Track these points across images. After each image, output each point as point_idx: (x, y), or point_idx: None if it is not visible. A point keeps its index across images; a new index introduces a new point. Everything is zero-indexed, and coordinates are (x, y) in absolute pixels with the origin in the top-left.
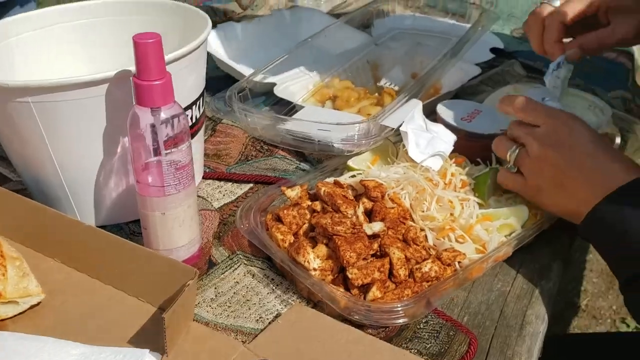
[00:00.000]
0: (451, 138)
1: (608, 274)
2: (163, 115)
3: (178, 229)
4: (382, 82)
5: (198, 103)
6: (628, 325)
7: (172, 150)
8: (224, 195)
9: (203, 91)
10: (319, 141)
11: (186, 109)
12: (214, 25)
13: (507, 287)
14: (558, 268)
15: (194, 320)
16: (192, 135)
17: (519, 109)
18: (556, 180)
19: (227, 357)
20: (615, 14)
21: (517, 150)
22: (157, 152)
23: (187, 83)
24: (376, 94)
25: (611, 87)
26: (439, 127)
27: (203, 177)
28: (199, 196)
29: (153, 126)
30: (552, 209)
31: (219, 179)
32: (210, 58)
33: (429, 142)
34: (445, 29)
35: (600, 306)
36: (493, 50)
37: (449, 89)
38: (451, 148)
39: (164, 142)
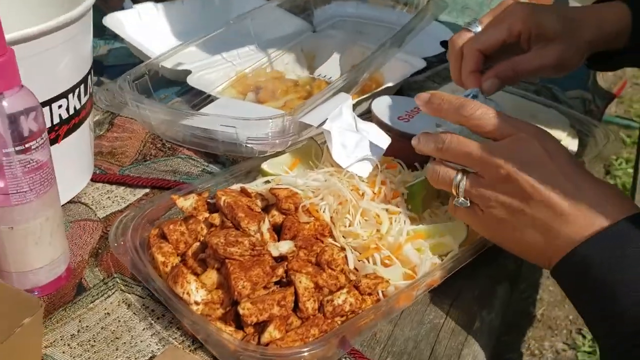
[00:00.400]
0: (384, 140)
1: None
2: (5, 103)
3: (33, 247)
4: (317, 74)
5: (78, 90)
6: (584, 337)
7: (19, 147)
8: (113, 202)
9: (87, 76)
10: (223, 140)
11: (61, 96)
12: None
13: (440, 320)
14: (504, 292)
15: None
16: (72, 130)
17: (467, 116)
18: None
19: None
20: (536, 42)
21: (464, 179)
22: None
23: (60, 65)
24: (307, 87)
25: (569, 87)
26: (371, 127)
27: (91, 180)
28: (81, 203)
29: None
30: (517, 248)
31: (110, 183)
32: (125, 43)
33: (358, 143)
34: (392, 18)
35: (556, 316)
36: (443, 43)
37: (392, 84)
38: (383, 151)
39: (10, 136)
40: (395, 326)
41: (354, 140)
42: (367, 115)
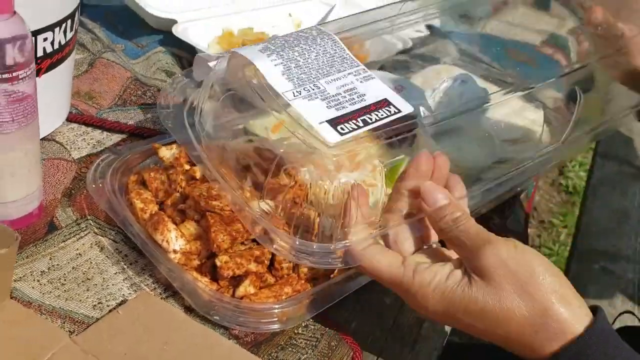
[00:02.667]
0: None
1: None
2: None
3: (9, 179)
4: None
5: (65, 24)
6: None
7: (5, 75)
8: (88, 144)
9: (75, 12)
10: None
11: (47, 28)
12: None
13: None
14: None
15: (11, 297)
16: (54, 65)
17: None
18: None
19: (44, 352)
20: None
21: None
22: None
23: None
24: None
25: (543, 84)
26: None
27: (67, 119)
28: (55, 141)
29: None
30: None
31: (86, 124)
32: None
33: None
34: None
35: None
36: (428, 27)
37: (375, 59)
38: None
39: None
40: (362, 295)
41: None
42: None
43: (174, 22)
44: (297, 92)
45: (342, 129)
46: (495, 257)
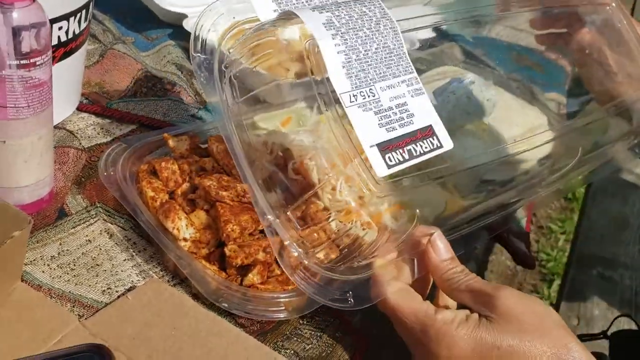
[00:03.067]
0: None
1: (507, 276)
2: (15, 14)
3: (22, 165)
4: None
5: (80, 14)
6: None
7: (23, 61)
8: (98, 134)
9: (89, 3)
10: None
11: (62, 17)
12: None
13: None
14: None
15: (22, 280)
16: (68, 54)
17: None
18: None
19: (54, 334)
20: None
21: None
22: (0, 60)
23: None
24: (299, 49)
25: (548, 89)
26: None
27: (77, 109)
28: (66, 130)
29: None
30: None
31: (96, 114)
32: None
33: None
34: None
35: None
36: (434, 29)
37: None
38: None
39: (14, 49)
40: None
41: None
42: None
43: (184, 16)
44: (354, 96)
45: (389, 159)
46: (512, 298)
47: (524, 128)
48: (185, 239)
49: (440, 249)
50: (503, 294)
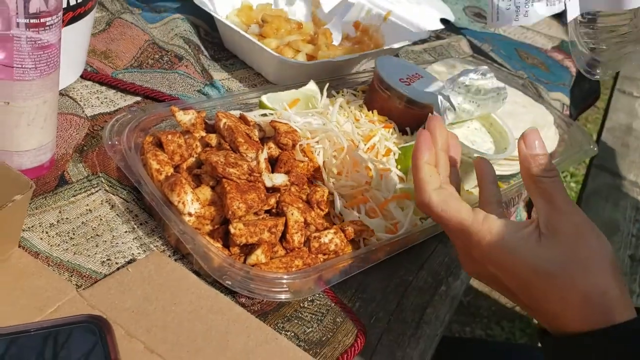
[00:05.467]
0: None
1: None
2: None
3: (25, 128)
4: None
5: None
6: (502, 328)
7: (33, 20)
8: (102, 103)
9: None
10: None
11: None
12: None
13: (410, 277)
14: None
15: (19, 246)
16: (75, 19)
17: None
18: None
19: (50, 303)
20: None
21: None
22: (9, 19)
23: None
24: (311, 32)
25: (554, 89)
26: None
27: (81, 76)
28: (69, 97)
29: None
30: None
31: (101, 83)
32: None
33: None
34: None
35: (481, 305)
36: (443, 21)
37: (390, 45)
38: None
39: (24, 8)
40: (367, 275)
41: None
42: (369, 72)
43: None
44: None
45: None
46: (578, 227)
47: (530, 124)
48: (190, 214)
49: (532, 141)
50: (573, 218)
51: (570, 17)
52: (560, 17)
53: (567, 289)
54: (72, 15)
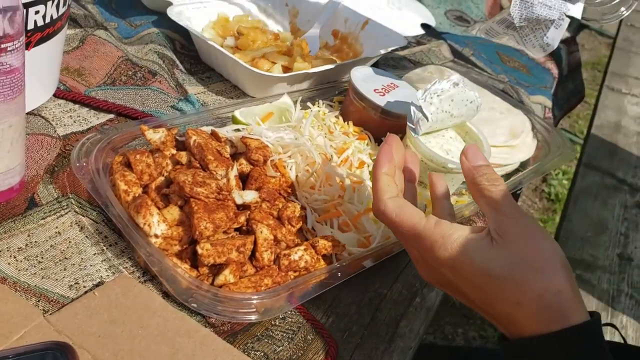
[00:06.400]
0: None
1: None
2: None
3: None
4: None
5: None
6: (496, 330)
7: None
8: (74, 122)
9: None
10: None
11: (38, 2)
12: None
13: (384, 290)
14: None
15: None
16: (44, 39)
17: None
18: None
19: (16, 329)
20: None
21: None
22: None
23: None
24: (288, 43)
25: (535, 92)
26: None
27: (54, 95)
28: (41, 117)
29: None
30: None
31: (74, 101)
32: None
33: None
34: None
35: None
36: (424, 26)
37: (369, 54)
38: None
39: None
40: (341, 290)
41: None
42: (346, 82)
43: (169, 3)
44: None
45: None
46: (526, 230)
47: (507, 131)
48: (156, 235)
49: (474, 155)
50: (521, 222)
51: None
52: None
53: (520, 292)
54: (41, 35)
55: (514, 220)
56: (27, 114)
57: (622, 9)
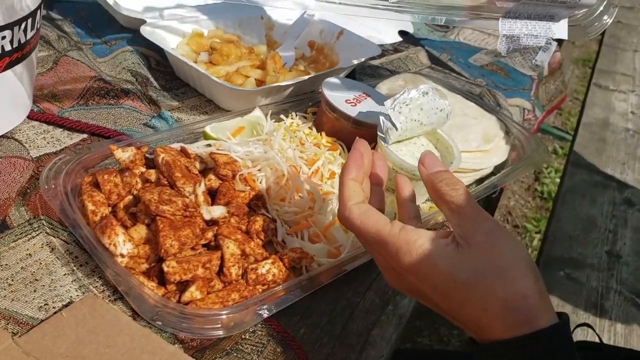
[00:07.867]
0: None
1: None
2: None
3: None
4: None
5: (25, 23)
6: None
7: None
8: (48, 143)
9: (36, 10)
10: None
11: (5, 27)
12: None
13: (357, 298)
14: None
15: None
16: (14, 63)
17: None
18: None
19: None
20: None
21: None
22: None
23: None
24: (262, 56)
25: (513, 95)
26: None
27: (28, 117)
28: (15, 139)
29: None
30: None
31: (47, 123)
32: None
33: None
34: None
35: None
36: (401, 33)
37: (344, 65)
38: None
39: None
40: (314, 300)
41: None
42: (319, 93)
43: (144, 21)
44: None
45: None
46: (490, 234)
47: (480, 136)
48: (122, 255)
49: (432, 162)
50: (484, 226)
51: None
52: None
53: (486, 297)
54: (10, 60)
55: (477, 224)
56: (1, 137)
57: (605, 17)
